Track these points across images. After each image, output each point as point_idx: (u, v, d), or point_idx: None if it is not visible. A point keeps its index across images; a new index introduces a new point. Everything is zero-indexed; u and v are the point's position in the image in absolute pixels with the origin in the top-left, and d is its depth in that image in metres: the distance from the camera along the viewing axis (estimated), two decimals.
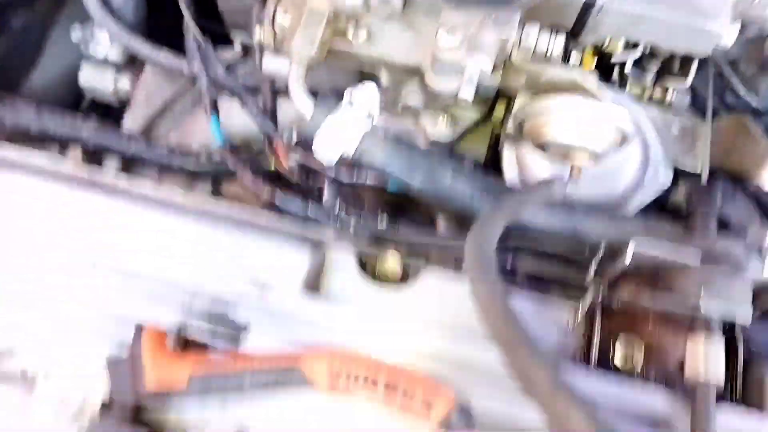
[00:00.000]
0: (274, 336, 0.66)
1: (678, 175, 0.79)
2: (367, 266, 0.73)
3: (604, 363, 0.67)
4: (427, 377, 0.61)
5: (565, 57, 0.72)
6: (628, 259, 0.61)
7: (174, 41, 1.18)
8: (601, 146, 0.68)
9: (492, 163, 0.85)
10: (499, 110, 0.82)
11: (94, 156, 0.95)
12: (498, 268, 0.53)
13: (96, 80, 1.17)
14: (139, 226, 0.72)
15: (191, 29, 0.83)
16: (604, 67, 0.80)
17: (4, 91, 1.01)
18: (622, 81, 0.83)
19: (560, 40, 0.68)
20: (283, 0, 0.73)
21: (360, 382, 0.58)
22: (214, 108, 0.85)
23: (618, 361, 0.66)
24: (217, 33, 0.97)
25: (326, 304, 0.68)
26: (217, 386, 0.60)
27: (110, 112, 1.24)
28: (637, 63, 0.80)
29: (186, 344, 0.64)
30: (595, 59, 0.74)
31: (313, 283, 0.70)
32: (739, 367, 0.66)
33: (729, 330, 0.66)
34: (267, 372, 0.60)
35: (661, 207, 0.79)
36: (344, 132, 0.65)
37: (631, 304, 0.67)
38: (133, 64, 1.16)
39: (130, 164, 0.99)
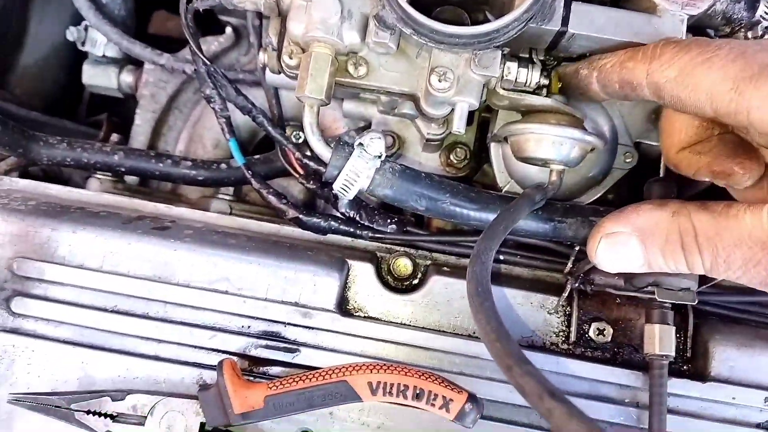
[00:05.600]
0: (320, 352, 0.80)
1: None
2: (382, 267, 0.88)
3: (582, 337, 0.84)
4: (444, 378, 0.76)
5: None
6: None
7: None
8: (575, 157, 0.80)
9: (480, 149, 0.98)
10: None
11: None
12: (490, 287, 0.66)
13: (99, 79, 1.22)
14: (194, 261, 0.82)
15: (198, 57, 0.88)
16: None
17: None
18: None
19: (536, 73, 0.77)
20: (288, 45, 0.81)
21: (394, 390, 0.73)
22: (231, 130, 0.91)
23: (592, 334, 0.83)
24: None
25: (355, 320, 0.82)
26: (286, 403, 0.73)
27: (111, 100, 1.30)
28: None
29: (250, 365, 0.78)
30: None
31: (342, 303, 0.84)
32: (689, 338, 0.83)
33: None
34: (321, 388, 0.73)
35: None
36: (359, 173, 0.76)
37: (601, 290, 0.83)
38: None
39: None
